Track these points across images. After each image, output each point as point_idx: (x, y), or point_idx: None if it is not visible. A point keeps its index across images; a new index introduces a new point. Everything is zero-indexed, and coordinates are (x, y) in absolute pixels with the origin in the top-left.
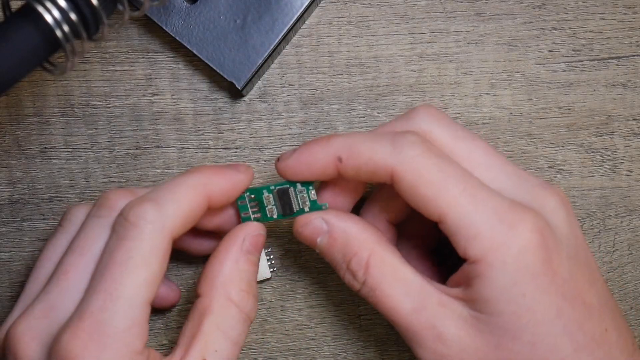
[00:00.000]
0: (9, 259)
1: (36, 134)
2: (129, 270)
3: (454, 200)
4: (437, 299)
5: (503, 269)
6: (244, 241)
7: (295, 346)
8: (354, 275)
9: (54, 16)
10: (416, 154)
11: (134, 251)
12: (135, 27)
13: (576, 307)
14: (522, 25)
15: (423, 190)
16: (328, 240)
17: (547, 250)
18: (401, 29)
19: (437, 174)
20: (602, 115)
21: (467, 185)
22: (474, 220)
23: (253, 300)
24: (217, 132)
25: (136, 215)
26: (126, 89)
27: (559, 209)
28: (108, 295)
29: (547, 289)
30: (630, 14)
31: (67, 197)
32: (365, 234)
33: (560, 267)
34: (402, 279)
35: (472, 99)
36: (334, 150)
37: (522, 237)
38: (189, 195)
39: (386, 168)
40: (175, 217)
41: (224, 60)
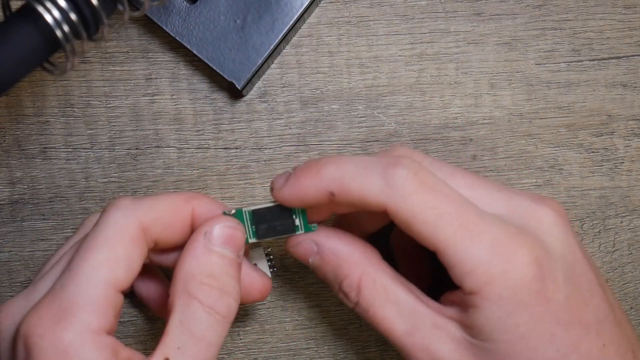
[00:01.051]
0: (9, 259)
1: (36, 134)
2: (90, 250)
3: (450, 238)
4: (430, 321)
5: (498, 303)
6: (205, 234)
7: (295, 346)
8: (346, 296)
9: (54, 16)
10: (409, 192)
11: (98, 233)
12: (135, 27)
13: (571, 329)
14: (522, 25)
15: (418, 228)
16: (319, 262)
17: (542, 281)
18: (401, 29)
19: (431, 213)
20: (602, 115)
21: (463, 220)
22: (469, 256)
23: (219, 294)
24: (217, 132)
25: (111, 204)
26: (126, 89)
27: (554, 226)
28: (70, 273)
29: (541, 318)
30: (630, 14)
31: (67, 197)
32: (356, 255)
33: (556, 294)
34: (395, 301)
35: (472, 99)
36: (324, 185)
37: (518, 271)
38: (170, 198)
39: (379, 205)
40: (148, 209)
41: (224, 60)
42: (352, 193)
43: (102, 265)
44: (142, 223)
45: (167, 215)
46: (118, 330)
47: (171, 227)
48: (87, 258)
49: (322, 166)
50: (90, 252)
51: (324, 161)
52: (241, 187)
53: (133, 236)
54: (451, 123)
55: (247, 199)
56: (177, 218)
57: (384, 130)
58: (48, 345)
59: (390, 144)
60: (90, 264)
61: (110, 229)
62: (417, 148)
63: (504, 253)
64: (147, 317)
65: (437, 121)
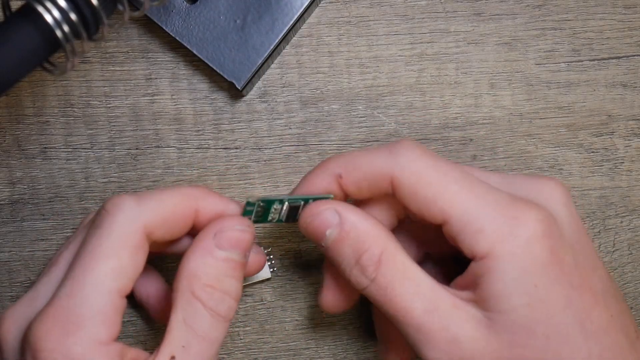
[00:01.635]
0: (9, 259)
1: (36, 134)
2: (97, 258)
3: (456, 197)
4: (450, 301)
5: (512, 260)
6: (215, 236)
7: (295, 346)
8: (363, 271)
9: (54, 16)
10: (413, 157)
11: (103, 239)
12: (135, 27)
13: (584, 295)
14: (522, 25)
15: (423, 192)
16: (339, 233)
17: (553, 239)
18: (401, 29)
19: (435, 174)
20: (602, 115)
21: (466, 182)
22: (477, 215)
23: (221, 297)
24: (217, 132)
25: (113, 205)
26: (126, 89)
27: (557, 197)
28: (75, 282)
29: (557, 279)
30: (630, 14)
31: (67, 197)
32: (378, 230)
33: (566, 256)
34: (414, 278)
35: (472, 99)
36: (332, 170)
37: (528, 227)
38: (175, 198)
39: (385, 176)
40: (153, 213)
41: (224, 60)
42: (360, 169)
43: (109, 274)
44: (147, 227)
45: (171, 217)
46: None
47: (175, 227)
48: (92, 267)
49: (331, 158)
50: (96, 261)
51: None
52: (241, 187)
53: (138, 242)
54: (451, 123)
55: None
56: (181, 218)
57: (384, 130)
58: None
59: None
60: (97, 273)
61: (115, 235)
62: None
63: (511, 213)
64: (147, 317)
65: (437, 121)
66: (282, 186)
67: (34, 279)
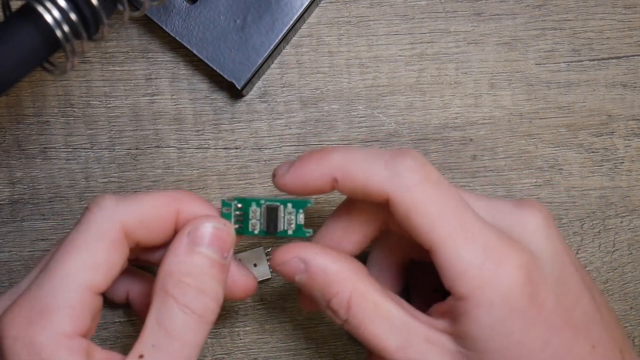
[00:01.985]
0: (9, 259)
1: (36, 134)
2: (70, 251)
3: (447, 236)
4: (423, 335)
5: (490, 308)
6: (189, 233)
7: (295, 346)
8: (335, 313)
9: (54, 16)
10: (413, 182)
11: (79, 233)
12: (135, 27)
13: (563, 333)
14: (522, 25)
15: (417, 221)
16: (306, 280)
17: (532, 285)
18: (401, 29)
19: (432, 206)
20: (602, 115)
21: (461, 220)
22: (463, 257)
23: (196, 293)
24: (217, 132)
25: (94, 202)
26: (126, 89)
27: (539, 229)
28: (46, 273)
29: (534, 323)
30: (630, 14)
31: (67, 197)
32: (345, 271)
33: (547, 299)
34: (385, 316)
35: (472, 99)
36: (329, 170)
37: (509, 275)
38: (156, 199)
39: (382, 193)
40: (132, 211)
41: (224, 60)
42: (356, 179)
43: (81, 268)
44: (125, 225)
45: (150, 217)
46: (117, 330)
47: (155, 229)
48: (65, 260)
49: (328, 152)
50: (69, 254)
51: (330, 148)
52: (241, 187)
53: (114, 239)
54: (451, 123)
55: None
56: (161, 219)
57: (384, 130)
58: (21, 346)
59: (390, 144)
60: (68, 266)
61: (91, 230)
62: (417, 148)
63: (496, 257)
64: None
65: (437, 121)
66: None
67: None
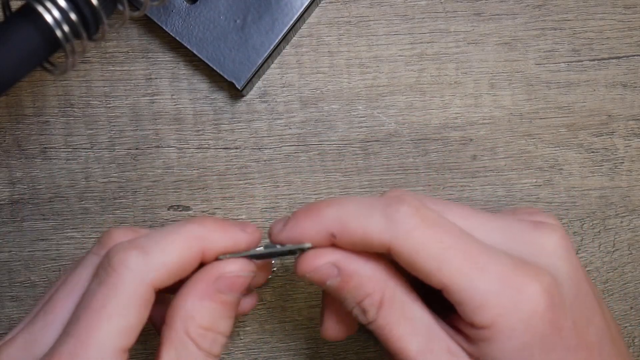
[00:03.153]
0: (9, 259)
1: (36, 134)
2: (102, 318)
3: (457, 272)
4: (445, 345)
5: (512, 335)
6: (217, 280)
7: (295, 346)
8: (364, 313)
9: (54, 16)
10: (411, 227)
11: (110, 298)
12: (135, 27)
13: (578, 353)
14: (522, 25)
15: (423, 264)
16: (339, 283)
17: (554, 311)
18: (401, 29)
19: (435, 247)
20: (602, 115)
21: (468, 254)
22: (479, 289)
23: (215, 338)
24: (217, 132)
25: (119, 261)
26: (126, 89)
27: (557, 249)
28: (79, 341)
29: (554, 346)
30: (630, 14)
31: (67, 197)
32: (378, 273)
33: (566, 322)
34: (411, 317)
35: (472, 99)
36: (325, 227)
37: (531, 302)
38: (181, 246)
39: (382, 244)
40: (161, 268)
41: (224, 60)
42: (354, 233)
43: (115, 334)
44: (154, 283)
45: (179, 269)
46: None
47: (182, 274)
48: (98, 327)
49: (323, 208)
50: (101, 321)
51: (324, 203)
52: (241, 187)
53: (147, 301)
54: (451, 123)
55: (247, 199)
56: (188, 266)
57: (384, 130)
58: None
59: (390, 144)
60: (102, 333)
61: (123, 294)
62: (417, 148)
63: (513, 284)
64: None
65: (437, 121)
66: (282, 186)
67: (34, 278)
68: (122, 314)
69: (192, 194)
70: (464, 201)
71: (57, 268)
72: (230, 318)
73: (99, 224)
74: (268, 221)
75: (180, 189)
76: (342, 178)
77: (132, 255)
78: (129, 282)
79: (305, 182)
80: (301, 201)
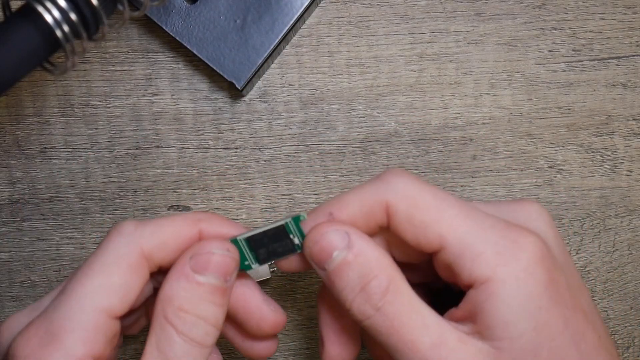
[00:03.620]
0: (9, 259)
1: (36, 134)
2: (86, 274)
3: (454, 221)
4: (456, 336)
5: (516, 284)
6: (191, 258)
7: (295, 346)
8: (368, 299)
9: (54, 16)
10: (406, 182)
11: (97, 258)
12: (135, 27)
13: (577, 315)
14: (522, 25)
15: (420, 216)
16: (346, 256)
17: (549, 261)
18: (401, 29)
19: (431, 198)
20: (602, 115)
21: (463, 207)
22: (477, 238)
23: (195, 321)
24: (217, 132)
25: (114, 228)
26: (126, 89)
27: (544, 220)
28: (63, 295)
29: (556, 300)
30: (630, 14)
31: (67, 197)
32: (387, 258)
33: (560, 277)
34: (419, 311)
35: (472, 99)
36: (323, 211)
37: (528, 250)
38: (176, 222)
39: (380, 204)
40: (151, 235)
41: (224, 60)
42: (352, 203)
43: (96, 291)
44: (144, 249)
45: (171, 241)
46: None
47: (175, 252)
48: (82, 283)
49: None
50: (86, 277)
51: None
52: (241, 187)
53: (132, 263)
54: (451, 123)
55: (247, 199)
56: (182, 241)
57: (384, 130)
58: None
59: (390, 144)
60: (84, 289)
61: (110, 254)
62: (417, 148)
63: (511, 236)
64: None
65: (437, 121)
66: (282, 186)
67: (34, 278)
68: (105, 271)
69: (192, 194)
70: None
71: (57, 268)
72: (215, 304)
73: (99, 224)
74: (268, 221)
75: (180, 189)
76: (342, 178)
77: (126, 224)
78: (116, 243)
79: (305, 182)
80: (301, 201)
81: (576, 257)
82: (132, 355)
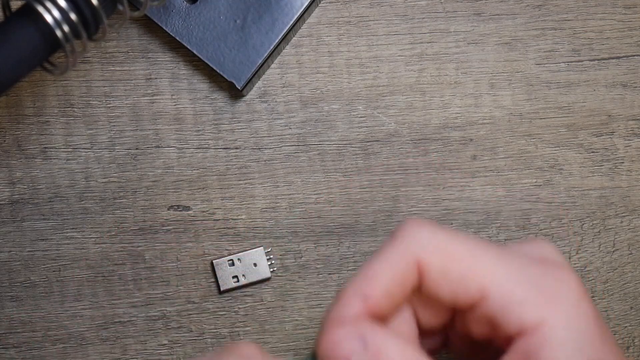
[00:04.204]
0: (9, 259)
1: (36, 134)
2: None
3: (492, 269)
4: None
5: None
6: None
7: (295, 346)
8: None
9: (54, 16)
10: (431, 233)
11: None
12: (135, 27)
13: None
14: (522, 25)
15: (456, 268)
16: None
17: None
18: (401, 29)
19: (461, 247)
20: (602, 115)
21: (493, 252)
22: (518, 283)
23: None
24: (217, 132)
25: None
26: (126, 89)
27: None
28: None
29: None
30: (630, 14)
31: (67, 197)
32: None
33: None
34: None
35: (472, 99)
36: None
37: (571, 285)
38: None
39: (411, 265)
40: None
41: (224, 60)
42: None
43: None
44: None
45: None
46: (117, 330)
47: None
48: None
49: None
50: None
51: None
52: (241, 187)
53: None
54: (451, 123)
55: (247, 199)
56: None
57: (384, 130)
58: None
59: (390, 144)
60: None
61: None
62: (417, 148)
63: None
64: (146, 317)
65: (437, 121)
66: (282, 186)
67: (34, 278)
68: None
69: (192, 194)
70: (464, 201)
71: (57, 268)
72: None
73: (99, 224)
74: (268, 221)
75: (180, 189)
76: (342, 178)
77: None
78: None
79: (305, 182)
80: (301, 201)
81: (576, 257)
82: None
